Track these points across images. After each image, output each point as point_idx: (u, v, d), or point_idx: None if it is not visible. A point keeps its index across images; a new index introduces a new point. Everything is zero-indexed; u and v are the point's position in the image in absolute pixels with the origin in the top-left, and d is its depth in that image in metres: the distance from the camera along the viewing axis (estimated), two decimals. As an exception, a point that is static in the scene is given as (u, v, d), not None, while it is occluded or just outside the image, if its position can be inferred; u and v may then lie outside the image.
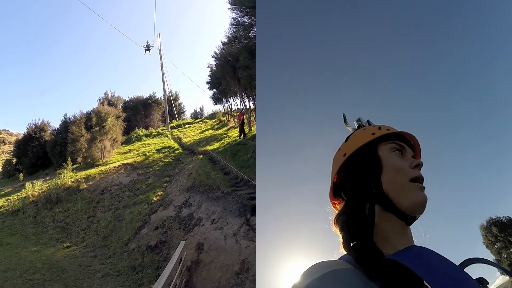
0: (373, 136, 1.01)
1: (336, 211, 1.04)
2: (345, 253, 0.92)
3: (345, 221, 0.94)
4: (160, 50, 35.33)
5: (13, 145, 31.14)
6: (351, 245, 0.89)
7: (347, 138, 1.09)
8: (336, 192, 1.06)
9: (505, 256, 22.15)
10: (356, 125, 1.18)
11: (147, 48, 35.42)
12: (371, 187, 0.94)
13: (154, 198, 13.69)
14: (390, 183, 0.92)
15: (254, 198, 10.09)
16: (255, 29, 15.43)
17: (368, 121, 1.17)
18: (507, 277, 20.72)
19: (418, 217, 0.93)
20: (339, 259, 0.91)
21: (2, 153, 34.68)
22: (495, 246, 22.57)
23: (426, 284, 0.70)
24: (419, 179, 0.93)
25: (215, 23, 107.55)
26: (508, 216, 22.53)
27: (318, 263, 0.83)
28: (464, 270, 0.83)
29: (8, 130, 45.54)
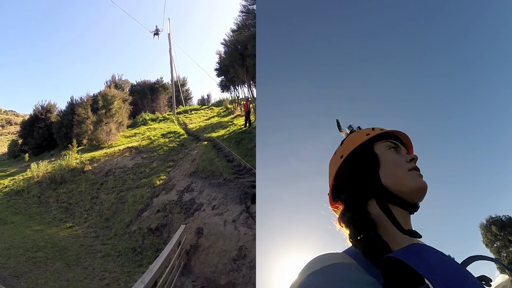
0: (368, 136, 1.05)
1: (337, 215, 1.07)
2: (350, 245, 0.94)
3: (350, 218, 0.96)
4: (169, 35, 35.09)
5: (19, 126, 31.38)
6: (358, 238, 0.91)
7: (342, 142, 1.13)
8: (336, 195, 1.07)
9: (505, 254, 22.17)
10: (348, 131, 1.20)
11: (156, 33, 35.19)
12: (371, 183, 0.97)
13: (157, 182, 13.78)
14: (389, 176, 0.96)
15: (255, 186, 10.14)
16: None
17: (358, 127, 1.19)
18: (506, 276, 20.81)
19: (418, 207, 0.96)
20: (343, 251, 0.92)
21: (8, 133, 35.01)
22: (495, 245, 22.68)
23: (427, 282, 0.69)
24: (416, 169, 0.97)
25: (226, 9, 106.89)
26: (507, 215, 22.78)
27: (320, 256, 0.85)
28: (467, 268, 0.87)
29: (14, 111, 46.01)
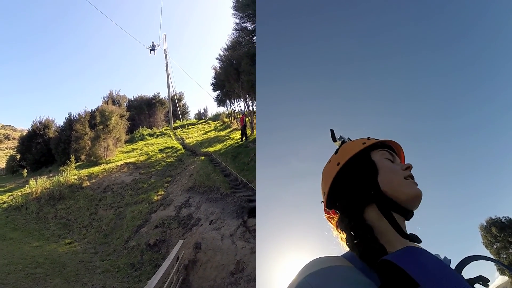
0: (364, 145, 1.10)
1: (331, 223, 1.12)
2: (347, 250, 0.98)
3: (348, 223, 0.99)
4: (165, 50, 35.44)
5: (17, 141, 31.42)
6: (355, 242, 0.94)
7: (337, 151, 1.16)
8: (331, 202, 1.11)
9: (505, 256, 22.08)
10: (340, 141, 1.22)
11: (153, 49, 35.43)
12: (369, 189, 1.00)
13: (155, 198, 13.88)
14: (388, 182, 0.99)
15: (251, 201, 10.30)
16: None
17: (349, 138, 1.22)
18: (506, 277, 20.75)
19: (413, 214, 0.99)
20: (341, 255, 0.94)
21: (6, 148, 35.02)
22: (495, 246, 22.48)
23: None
24: (411, 178, 1.02)
25: (221, 25, 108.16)
26: (507, 216, 22.55)
27: (317, 258, 0.88)
28: (466, 267, 0.92)
29: (12, 126, 46.03)
